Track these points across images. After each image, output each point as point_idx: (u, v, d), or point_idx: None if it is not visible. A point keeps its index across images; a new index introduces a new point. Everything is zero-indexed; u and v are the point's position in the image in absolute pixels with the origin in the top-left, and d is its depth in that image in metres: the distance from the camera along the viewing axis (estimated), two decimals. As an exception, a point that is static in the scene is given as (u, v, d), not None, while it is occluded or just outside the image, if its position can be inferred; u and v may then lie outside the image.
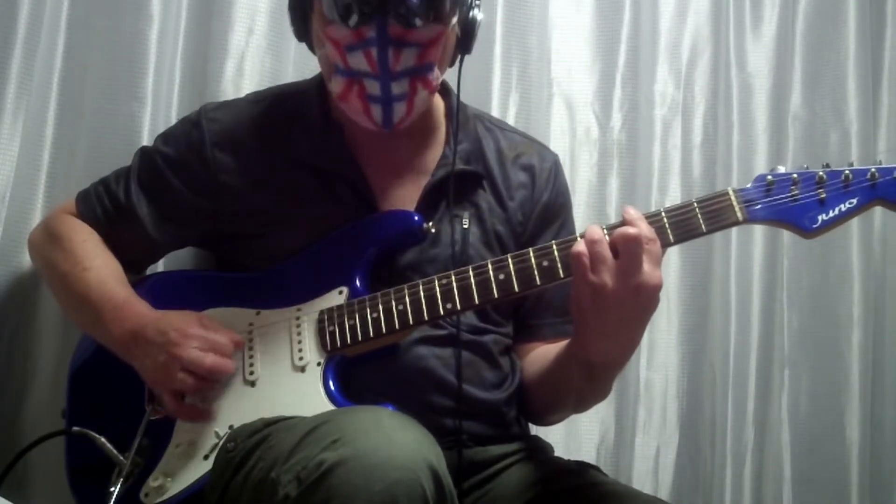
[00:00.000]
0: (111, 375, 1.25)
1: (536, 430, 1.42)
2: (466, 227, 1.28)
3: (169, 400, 1.18)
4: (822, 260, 1.96)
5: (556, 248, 1.14)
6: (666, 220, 1.12)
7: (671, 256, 1.84)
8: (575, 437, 1.76)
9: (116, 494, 1.14)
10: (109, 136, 1.50)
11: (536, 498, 1.19)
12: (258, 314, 1.25)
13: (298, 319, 1.22)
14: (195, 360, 1.15)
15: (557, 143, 1.79)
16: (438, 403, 1.22)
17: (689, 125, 1.89)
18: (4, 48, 1.43)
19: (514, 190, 1.35)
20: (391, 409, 1.05)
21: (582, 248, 1.07)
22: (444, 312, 1.16)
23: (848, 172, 1.11)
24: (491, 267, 1.16)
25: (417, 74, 1.20)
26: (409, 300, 1.17)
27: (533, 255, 1.15)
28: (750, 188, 1.13)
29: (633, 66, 1.85)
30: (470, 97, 1.38)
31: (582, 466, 1.28)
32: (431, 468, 0.91)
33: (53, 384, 1.43)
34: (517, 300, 1.30)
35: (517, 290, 1.14)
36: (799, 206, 1.11)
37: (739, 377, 1.86)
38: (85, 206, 1.36)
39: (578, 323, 1.14)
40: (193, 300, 1.26)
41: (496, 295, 1.15)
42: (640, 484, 1.76)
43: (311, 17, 1.24)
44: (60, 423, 1.29)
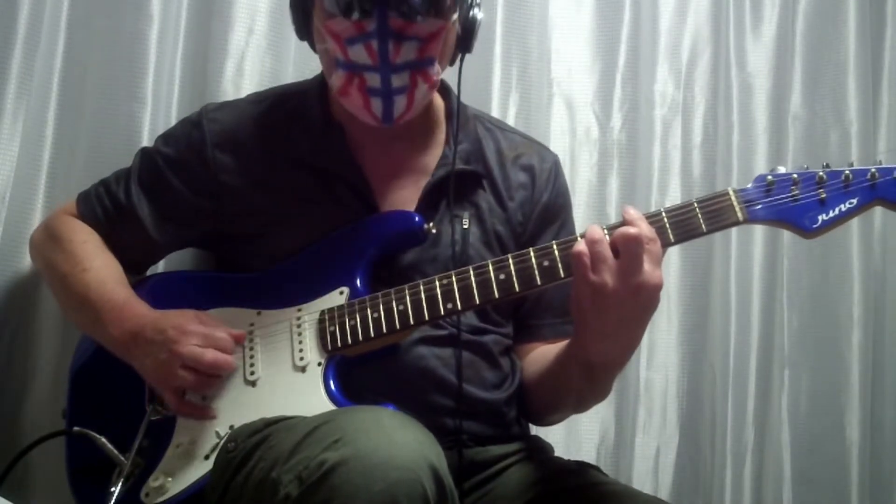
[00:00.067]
0: (112, 376, 1.25)
1: (536, 430, 1.42)
2: (466, 227, 1.28)
3: (170, 398, 1.18)
4: (822, 260, 1.96)
5: (556, 248, 1.14)
6: (666, 220, 1.12)
7: (671, 256, 1.84)
8: (575, 437, 1.75)
9: (117, 495, 1.14)
10: (109, 136, 1.50)
11: (537, 498, 1.19)
12: (259, 314, 1.25)
13: (299, 319, 1.22)
14: (195, 356, 1.15)
15: (557, 143, 1.79)
16: (439, 403, 1.22)
17: (689, 125, 1.89)
18: (4, 48, 1.43)
19: (514, 190, 1.35)
20: (392, 408, 1.05)
21: (582, 247, 1.07)
22: (444, 312, 1.16)
23: (848, 172, 1.11)
24: (491, 267, 1.16)
25: (418, 68, 1.20)
26: (409, 300, 1.17)
27: (533, 255, 1.15)
28: (750, 188, 1.13)
29: (633, 66, 1.85)
30: (470, 97, 1.38)
31: (582, 466, 1.28)
32: (432, 468, 0.91)
33: (53, 384, 1.43)
34: (517, 300, 1.30)
35: (518, 290, 1.14)
36: (799, 206, 1.11)
37: (739, 377, 1.86)
38: (85, 206, 1.36)
39: (578, 323, 1.14)
40: (194, 301, 1.26)
41: (497, 295, 1.15)
42: (640, 484, 1.76)
43: (312, 13, 1.24)
44: (61, 423, 1.29)
